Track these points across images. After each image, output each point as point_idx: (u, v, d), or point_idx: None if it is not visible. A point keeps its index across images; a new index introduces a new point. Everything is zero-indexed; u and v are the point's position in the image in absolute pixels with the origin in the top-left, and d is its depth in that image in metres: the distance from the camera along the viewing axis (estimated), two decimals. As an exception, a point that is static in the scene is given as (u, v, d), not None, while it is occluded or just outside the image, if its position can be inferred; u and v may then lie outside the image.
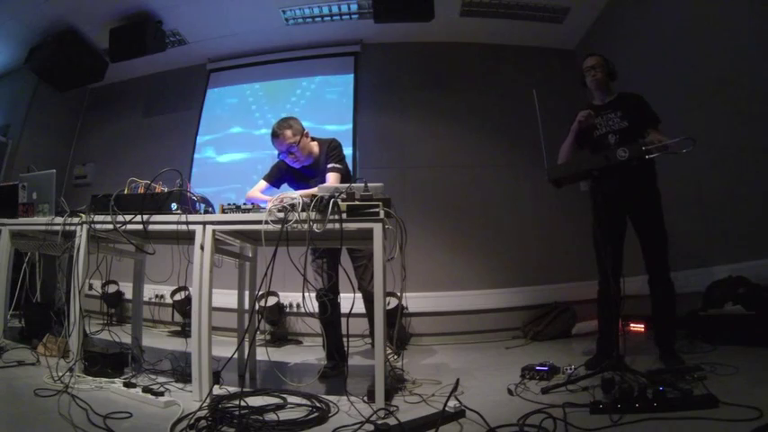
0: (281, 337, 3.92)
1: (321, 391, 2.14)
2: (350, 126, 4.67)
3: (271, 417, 1.68)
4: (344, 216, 1.91)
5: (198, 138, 5.01)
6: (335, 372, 2.54)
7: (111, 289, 4.18)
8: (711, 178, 3.08)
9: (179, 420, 1.59)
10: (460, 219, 4.34)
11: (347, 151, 4.50)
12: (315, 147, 2.73)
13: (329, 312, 2.47)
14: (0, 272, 2.54)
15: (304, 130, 2.69)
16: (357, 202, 1.94)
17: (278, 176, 2.74)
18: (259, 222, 1.95)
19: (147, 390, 1.87)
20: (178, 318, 4.10)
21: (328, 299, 2.49)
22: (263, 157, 4.60)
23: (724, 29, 2.93)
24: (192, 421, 1.55)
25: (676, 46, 3.38)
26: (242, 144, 4.89)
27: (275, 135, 2.63)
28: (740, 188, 2.88)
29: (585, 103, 2.65)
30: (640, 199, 2.35)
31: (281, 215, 1.94)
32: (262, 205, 2.13)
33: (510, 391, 1.98)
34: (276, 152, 2.70)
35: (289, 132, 2.61)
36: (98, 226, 2.17)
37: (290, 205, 1.95)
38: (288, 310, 4.03)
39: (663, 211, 2.35)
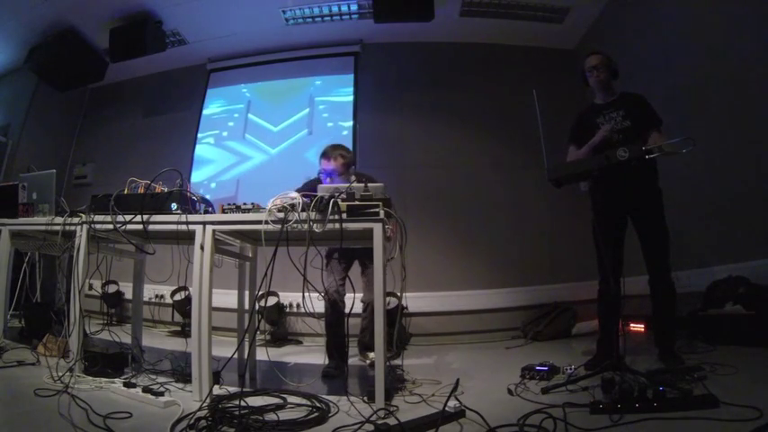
0: (281, 337, 3.92)
1: (321, 391, 2.14)
2: (350, 125, 4.68)
3: (271, 417, 1.68)
4: (344, 216, 1.91)
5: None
6: (338, 372, 2.55)
7: (111, 289, 4.18)
8: (711, 178, 3.08)
9: (179, 420, 1.59)
10: (460, 219, 4.34)
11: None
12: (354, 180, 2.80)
13: (336, 312, 2.55)
14: (0, 272, 2.54)
15: (354, 162, 2.78)
16: (357, 202, 1.94)
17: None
18: (259, 222, 1.95)
19: (147, 390, 1.87)
20: (178, 318, 4.10)
21: (339, 298, 2.59)
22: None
23: (724, 29, 2.93)
24: (192, 421, 1.55)
25: (676, 46, 3.38)
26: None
27: (328, 156, 2.70)
28: (740, 188, 2.88)
29: (588, 102, 2.65)
30: (642, 198, 2.35)
31: (281, 215, 1.94)
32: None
33: (510, 391, 1.98)
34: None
35: (342, 161, 2.70)
36: (98, 226, 2.17)
37: (289, 205, 1.95)
38: (288, 310, 4.03)
39: (664, 211, 2.35)
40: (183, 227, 2.06)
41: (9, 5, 4.13)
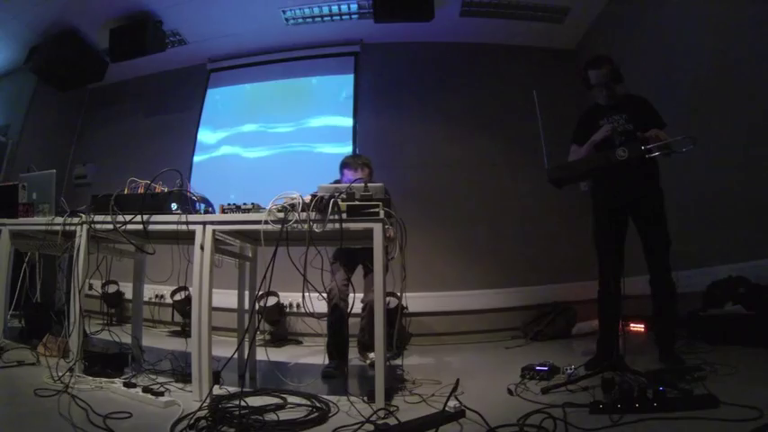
0: (281, 337, 3.92)
1: (321, 391, 2.14)
2: (350, 125, 4.68)
3: (271, 417, 1.68)
4: (344, 216, 1.91)
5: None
6: (338, 372, 2.55)
7: (111, 289, 4.18)
8: (711, 178, 3.08)
9: (179, 420, 1.59)
10: (460, 219, 4.34)
11: (347, 148, 4.55)
12: None
13: (338, 313, 2.58)
14: (0, 272, 2.54)
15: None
16: (357, 202, 1.94)
17: None
18: (259, 222, 1.95)
19: (147, 390, 1.87)
20: (178, 318, 4.09)
21: (341, 297, 2.62)
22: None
23: (725, 28, 2.93)
24: (192, 421, 1.55)
25: (676, 45, 3.38)
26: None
27: (352, 167, 2.78)
28: (740, 188, 2.88)
29: (589, 102, 2.64)
30: (643, 198, 2.34)
31: (281, 215, 1.94)
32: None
33: (510, 391, 1.98)
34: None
35: (368, 170, 2.80)
36: (98, 226, 2.17)
37: (289, 205, 1.95)
38: (288, 310, 4.03)
39: (666, 211, 2.34)
40: (183, 227, 2.06)
41: (9, 5, 4.13)
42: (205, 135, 5.03)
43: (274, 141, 4.82)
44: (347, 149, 4.55)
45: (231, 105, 5.10)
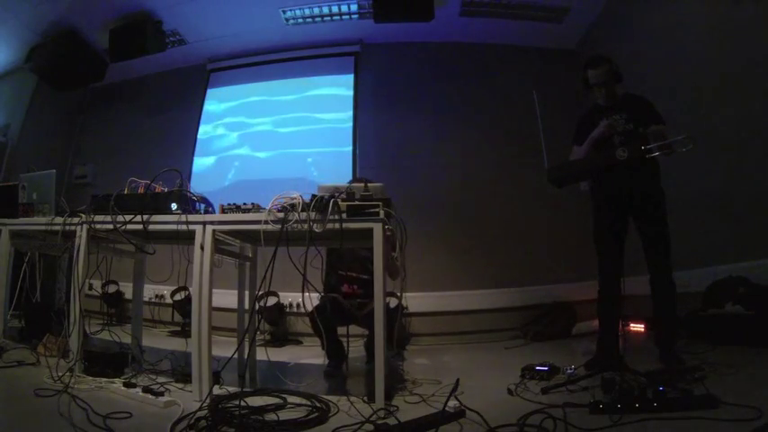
0: (281, 337, 3.92)
1: (321, 391, 2.14)
2: (350, 125, 4.68)
3: (271, 417, 1.67)
4: (344, 216, 1.91)
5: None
6: (338, 371, 2.56)
7: (111, 289, 4.18)
8: (712, 178, 3.07)
9: (179, 420, 1.58)
10: (460, 218, 4.34)
11: (347, 148, 4.55)
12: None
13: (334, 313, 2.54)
14: (0, 272, 2.54)
15: None
16: (357, 202, 1.94)
17: None
18: (259, 222, 1.95)
19: (147, 390, 1.87)
20: (178, 318, 4.09)
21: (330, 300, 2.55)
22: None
23: (725, 27, 2.93)
24: (192, 421, 1.55)
25: (676, 45, 3.38)
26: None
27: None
28: (740, 188, 2.88)
29: (590, 103, 2.64)
30: (644, 199, 2.34)
31: (281, 215, 1.94)
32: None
33: (510, 391, 1.98)
34: None
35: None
36: (98, 226, 2.17)
37: (290, 205, 1.95)
38: (288, 310, 4.03)
39: (667, 212, 2.34)
40: (183, 227, 2.06)
41: (10, 5, 4.13)
42: (205, 135, 5.03)
43: (274, 141, 4.82)
44: (347, 150, 4.55)
45: (231, 105, 5.10)
